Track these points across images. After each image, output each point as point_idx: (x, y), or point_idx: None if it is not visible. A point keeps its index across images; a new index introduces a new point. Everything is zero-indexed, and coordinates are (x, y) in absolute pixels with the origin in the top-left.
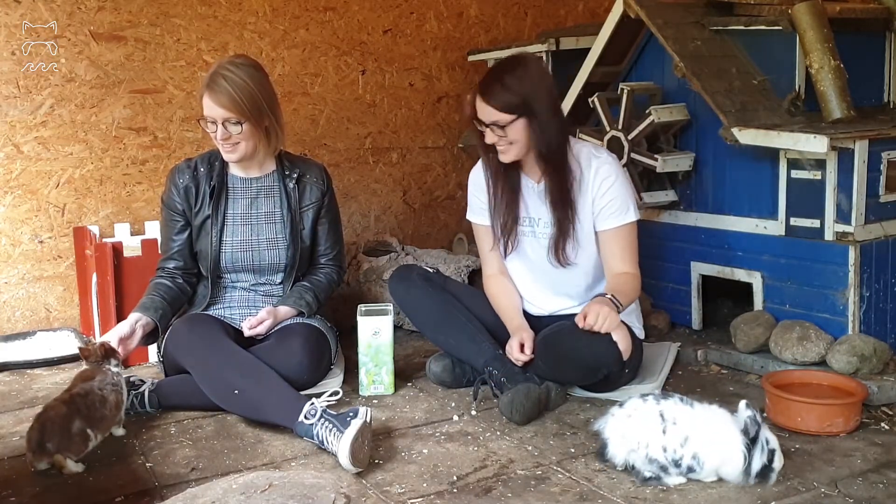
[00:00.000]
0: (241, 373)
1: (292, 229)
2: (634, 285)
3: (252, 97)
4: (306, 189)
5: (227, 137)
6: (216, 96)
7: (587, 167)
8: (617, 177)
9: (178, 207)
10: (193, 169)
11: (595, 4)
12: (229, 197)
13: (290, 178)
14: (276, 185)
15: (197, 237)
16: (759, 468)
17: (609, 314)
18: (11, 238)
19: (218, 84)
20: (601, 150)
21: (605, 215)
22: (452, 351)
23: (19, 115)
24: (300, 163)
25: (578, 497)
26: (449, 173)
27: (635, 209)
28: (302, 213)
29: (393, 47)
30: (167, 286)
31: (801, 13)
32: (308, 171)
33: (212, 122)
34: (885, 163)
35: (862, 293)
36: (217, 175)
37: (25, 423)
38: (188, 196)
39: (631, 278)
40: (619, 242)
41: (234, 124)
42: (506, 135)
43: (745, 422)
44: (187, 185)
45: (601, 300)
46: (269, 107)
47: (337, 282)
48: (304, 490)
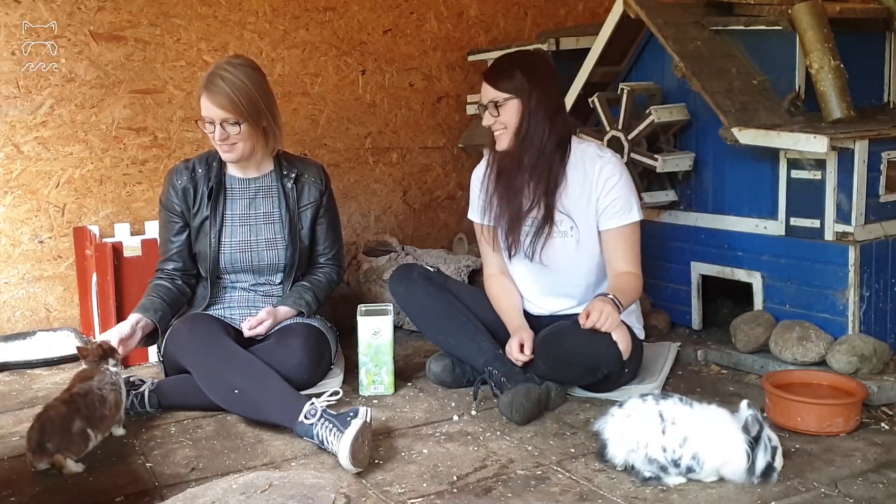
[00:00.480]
0: (241, 372)
1: (290, 229)
2: (636, 285)
3: (250, 98)
4: (304, 189)
5: (225, 138)
6: (214, 97)
7: (591, 166)
8: (621, 176)
9: (177, 209)
10: (191, 170)
11: (595, 4)
12: (227, 197)
13: (288, 178)
14: (274, 185)
15: (196, 238)
16: (763, 467)
17: (611, 313)
18: (11, 238)
19: (216, 84)
20: (605, 150)
21: (608, 214)
22: (452, 350)
23: (19, 115)
24: (298, 162)
25: (578, 497)
26: (449, 173)
27: (639, 209)
28: (300, 213)
29: (393, 47)
30: (167, 287)
31: (801, 13)
32: (306, 171)
33: (210, 122)
34: (885, 163)
35: (862, 293)
36: (215, 176)
37: (25, 423)
38: (186, 197)
39: (633, 278)
40: (622, 242)
41: (231, 125)
42: (499, 115)
43: (747, 420)
44: (185, 187)
45: (603, 299)
46: (267, 107)
47: (336, 281)
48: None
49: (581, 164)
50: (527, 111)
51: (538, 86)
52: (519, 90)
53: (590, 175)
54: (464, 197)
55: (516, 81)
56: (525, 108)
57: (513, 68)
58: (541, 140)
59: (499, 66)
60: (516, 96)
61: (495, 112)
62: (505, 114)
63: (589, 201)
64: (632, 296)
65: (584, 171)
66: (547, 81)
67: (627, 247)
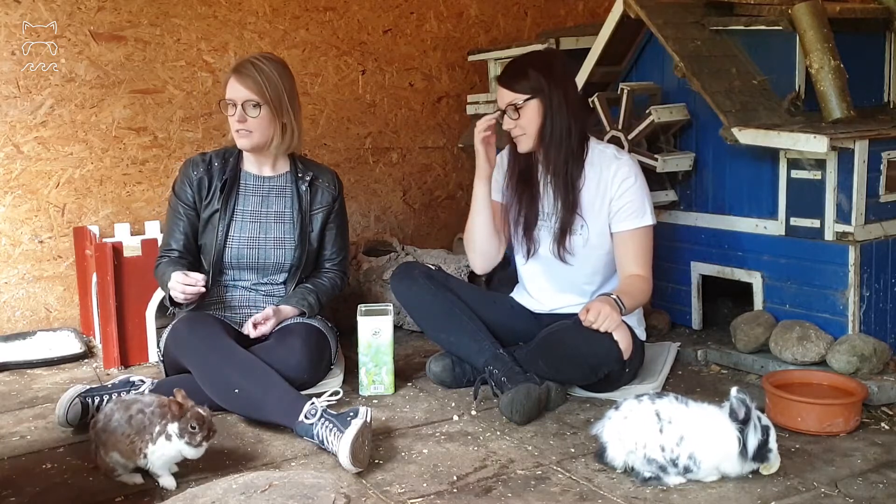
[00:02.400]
0: (241, 372)
1: (301, 230)
2: (644, 288)
3: (275, 87)
4: (318, 192)
5: (244, 120)
6: (242, 78)
7: (607, 168)
8: (636, 179)
9: (189, 199)
10: (208, 162)
11: (595, 4)
12: (240, 193)
13: (303, 181)
14: (288, 186)
15: (203, 230)
16: (756, 447)
17: (610, 314)
18: (11, 238)
19: (246, 68)
20: (623, 153)
21: (621, 217)
22: (453, 349)
23: (19, 115)
24: (314, 167)
25: (578, 497)
26: (449, 173)
27: (652, 214)
28: (312, 216)
29: (393, 47)
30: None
31: (801, 13)
32: (321, 175)
33: (232, 104)
34: (885, 163)
35: (862, 293)
36: (230, 170)
37: (25, 423)
38: (200, 188)
39: (642, 281)
40: (634, 245)
41: (253, 107)
42: (519, 117)
43: (732, 405)
44: (201, 178)
45: (604, 299)
46: (290, 104)
47: (340, 287)
48: (304, 490)
49: (598, 164)
50: (549, 111)
51: (558, 84)
52: (537, 90)
53: (605, 176)
54: (464, 197)
55: (533, 81)
56: (546, 108)
57: (527, 68)
58: (566, 139)
59: (513, 68)
60: (535, 96)
61: (515, 115)
62: (525, 115)
63: (602, 202)
64: (638, 298)
65: (599, 171)
66: (566, 79)
67: (639, 250)
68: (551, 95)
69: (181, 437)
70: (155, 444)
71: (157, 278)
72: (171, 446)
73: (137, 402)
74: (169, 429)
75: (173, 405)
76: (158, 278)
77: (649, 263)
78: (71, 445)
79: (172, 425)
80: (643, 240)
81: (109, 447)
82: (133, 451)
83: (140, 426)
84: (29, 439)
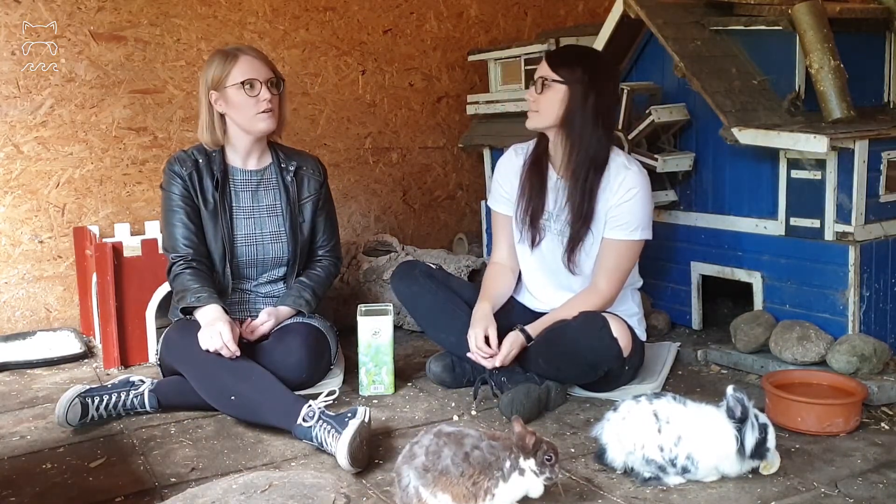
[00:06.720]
0: (236, 378)
1: (292, 223)
2: (588, 308)
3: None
4: (304, 181)
5: (273, 97)
6: (258, 56)
7: (615, 174)
8: (640, 192)
9: (185, 193)
10: (193, 159)
11: (595, 4)
12: (233, 190)
13: (288, 171)
14: (274, 178)
15: (205, 230)
16: (754, 445)
17: (510, 350)
18: (11, 238)
19: (251, 49)
20: (633, 163)
21: (612, 224)
22: (453, 348)
23: (19, 115)
24: (295, 155)
25: (578, 497)
26: (449, 173)
27: (646, 229)
28: (301, 206)
29: (393, 47)
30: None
31: (801, 13)
32: (304, 164)
33: (255, 83)
34: (885, 163)
35: (862, 293)
36: (218, 166)
37: (25, 423)
38: (193, 183)
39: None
40: (613, 256)
41: (274, 84)
42: (542, 93)
43: (728, 403)
44: (191, 173)
45: (516, 333)
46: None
47: (335, 274)
48: (304, 490)
49: (607, 174)
50: (575, 105)
51: (594, 86)
52: (571, 80)
53: (612, 182)
54: (464, 197)
55: (573, 71)
56: (572, 101)
57: (575, 58)
58: (587, 139)
59: (565, 51)
60: (566, 83)
61: (540, 90)
62: (547, 96)
63: (604, 206)
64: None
65: (607, 177)
66: (606, 88)
67: (616, 262)
68: (584, 92)
69: (541, 473)
70: (507, 482)
71: (172, 285)
72: (523, 483)
73: (467, 435)
74: (522, 464)
75: (528, 437)
76: (176, 288)
77: (622, 280)
78: (71, 445)
79: (528, 461)
80: (626, 253)
81: (440, 488)
82: (476, 493)
83: (484, 463)
84: (29, 439)
